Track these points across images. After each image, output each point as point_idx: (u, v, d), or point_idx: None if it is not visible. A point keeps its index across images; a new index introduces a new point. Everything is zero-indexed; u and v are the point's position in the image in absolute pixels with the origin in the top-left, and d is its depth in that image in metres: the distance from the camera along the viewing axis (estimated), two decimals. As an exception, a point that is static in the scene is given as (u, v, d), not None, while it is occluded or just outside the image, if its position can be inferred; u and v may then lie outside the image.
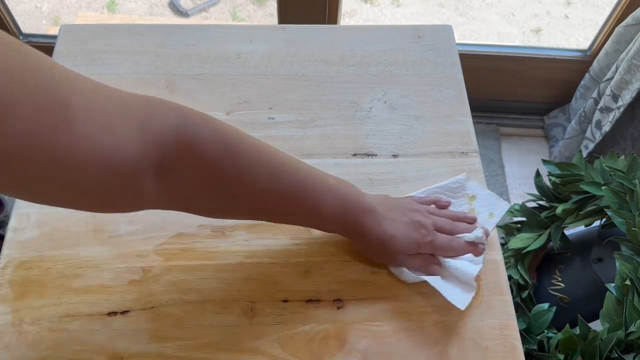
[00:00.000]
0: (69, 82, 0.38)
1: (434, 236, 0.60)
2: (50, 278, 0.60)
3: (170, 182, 0.46)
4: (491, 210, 0.66)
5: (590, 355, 0.83)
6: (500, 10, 2.09)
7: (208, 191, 0.49)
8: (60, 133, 0.36)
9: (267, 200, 0.52)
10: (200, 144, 0.46)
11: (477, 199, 0.67)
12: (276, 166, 0.52)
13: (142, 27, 0.82)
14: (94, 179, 0.39)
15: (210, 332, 0.58)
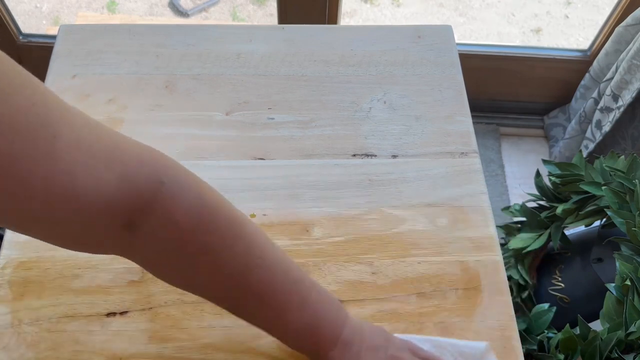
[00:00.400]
0: (62, 111, 0.36)
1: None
2: (49, 279, 0.60)
3: (137, 238, 0.42)
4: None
5: (590, 355, 0.83)
6: (500, 10, 2.09)
7: (172, 260, 0.45)
8: (40, 163, 0.34)
9: (231, 290, 0.48)
10: (176, 210, 0.42)
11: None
12: (252, 257, 0.47)
13: (142, 27, 0.82)
14: (64, 215, 0.38)
15: (209, 333, 0.58)
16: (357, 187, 0.68)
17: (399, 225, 0.66)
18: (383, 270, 0.63)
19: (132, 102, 0.74)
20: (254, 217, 0.66)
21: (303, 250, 0.64)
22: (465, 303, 0.61)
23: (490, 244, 0.65)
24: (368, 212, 0.67)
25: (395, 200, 0.68)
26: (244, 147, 0.71)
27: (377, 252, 0.64)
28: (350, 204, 0.67)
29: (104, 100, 0.74)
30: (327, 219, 0.66)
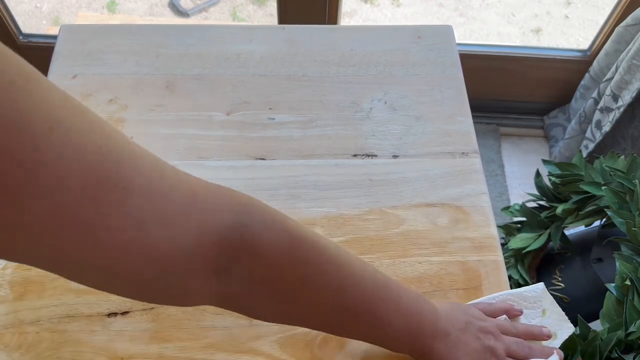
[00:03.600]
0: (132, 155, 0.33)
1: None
2: (50, 279, 0.60)
3: (224, 284, 0.41)
4: (556, 330, 0.60)
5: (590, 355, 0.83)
6: (500, 10, 2.09)
7: (265, 298, 0.44)
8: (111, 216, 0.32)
9: (329, 314, 0.48)
10: (265, 249, 0.41)
11: (547, 315, 0.61)
12: (343, 277, 0.47)
13: (142, 27, 0.82)
14: (138, 267, 0.35)
15: (210, 333, 0.58)
16: (358, 187, 0.68)
17: (400, 225, 0.66)
18: (384, 270, 0.63)
19: (132, 102, 0.74)
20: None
21: (304, 250, 0.64)
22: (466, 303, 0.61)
23: (490, 244, 0.65)
24: (369, 212, 0.67)
25: (396, 200, 0.68)
26: (244, 147, 0.71)
27: (378, 252, 0.64)
28: (351, 204, 0.67)
29: (105, 100, 0.74)
30: (327, 219, 0.66)
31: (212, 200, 0.39)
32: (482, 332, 0.55)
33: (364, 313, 0.49)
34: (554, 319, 0.61)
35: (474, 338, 0.54)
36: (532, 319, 0.61)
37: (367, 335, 0.52)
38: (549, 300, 0.62)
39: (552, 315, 0.61)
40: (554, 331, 0.60)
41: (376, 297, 0.49)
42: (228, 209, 0.40)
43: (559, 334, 0.60)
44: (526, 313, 0.61)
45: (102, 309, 0.59)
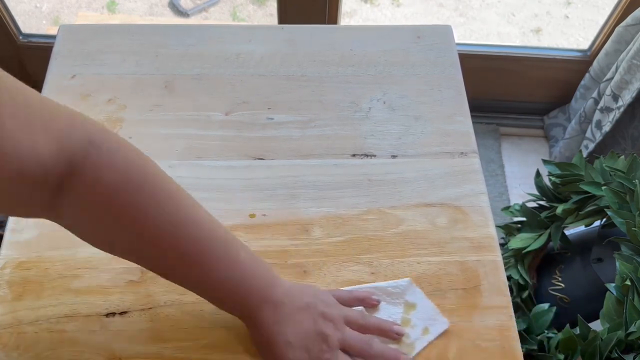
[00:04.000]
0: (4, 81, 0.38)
1: (334, 356, 0.53)
2: (48, 279, 0.60)
3: (69, 200, 0.44)
4: (428, 325, 0.59)
5: (590, 356, 0.83)
6: (500, 10, 2.09)
7: (100, 220, 0.46)
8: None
9: (157, 250, 0.48)
10: (105, 169, 0.44)
11: (417, 310, 0.60)
12: (180, 216, 0.48)
13: (142, 27, 0.82)
14: (5, 177, 0.39)
15: (209, 333, 0.58)
16: (357, 187, 0.68)
17: (399, 226, 0.66)
18: (382, 270, 0.63)
19: (131, 102, 0.74)
20: (254, 217, 0.66)
21: (302, 251, 0.64)
22: (465, 303, 0.61)
23: (489, 244, 0.65)
24: (367, 212, 0.67)
25: (395, 200, 0.68)
26: (243, 147, 0.71)
27: (377, 252, 0.64)
28: (350, 204, 0.67)
29: (104, 100, 0.74)
30: (326, 219, 0.66)
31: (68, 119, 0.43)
32: (322, 318, 0.54)
33: (196, 257, 0.49)
34: (426, 314, 0.60)
35: (310, 320, 0.53)
36: (392, 315, 0.60)
37: (199, 285, 0.52)
38: (419, 295, 0.61)
39: (422, 310, 0.60)
40: (425, 326, 0.59)
41: (211, 245, 0.50)
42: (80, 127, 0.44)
43: (431, 329, 0.59)
44: (386, 307, 0.60)
45: (101, 309, 0.59)
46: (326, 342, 0.53)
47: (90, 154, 0.43)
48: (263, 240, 0.64)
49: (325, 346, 0.53)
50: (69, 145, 0.42)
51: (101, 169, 0.44)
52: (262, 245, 0.64)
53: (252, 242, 0.64)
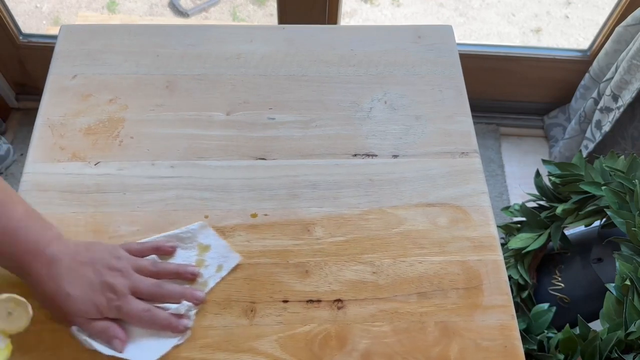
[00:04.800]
0: None
1: (124, 302, 0.55)
2: (50, 278, 0.60)
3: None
4: (221, 262, 0.62)
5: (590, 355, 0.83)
6: (500, 10, 2.09)
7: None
8: None
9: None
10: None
11: (211, 250, 0.63)
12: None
13: (142, 27, 0.82)
14: None
15: (210, 333, 0.58)
16: (358, 187, 0.68)
17: (400, 225, 0.66)
18: (384, 270, 0.63)
19: (132, 102, 0.74)
20: (255, 217, 0.66)
21: (304, 250, 0.64)
22: (466, 302, 0.61)
23: (490, 243, 0.65)
24: (369, 212, 0.67)
25: (396, 200, 0.68)
26: (244, 147, 0.71)
27: (378, 251, 0.64)
28: (351, 204, 0.67)
29: (105, 100, 0.74)
30: (327, 219, 0.66)
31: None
32: (108, 269, 0.55)
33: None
34: (219, 253, 0.63)
35: (94, 273, 0.54)
36: (187, 258, 0.62)
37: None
38: (212, 236, 0.64)
39: (216, 249, 0.63)
40: (219, 264, 0.62)
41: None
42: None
43: (224, 265, 0.62)
44: (181, 253, 0.62)
45: (102, 308, 0.59)
46: (113, 290, 0.55)
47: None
48: (264, 240, 0.64)
49: (112, 295, 0.54)
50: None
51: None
52: (263, 245, 0.64)
53: (254, 242, 0.64)
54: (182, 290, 0.58)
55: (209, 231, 0.64)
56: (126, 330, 0.56)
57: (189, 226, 0.64)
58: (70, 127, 0.71)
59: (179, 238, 0.63)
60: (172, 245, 0.62)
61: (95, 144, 0.70)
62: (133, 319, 0.56)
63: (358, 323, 0.60)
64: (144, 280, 0.57)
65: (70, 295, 0.53)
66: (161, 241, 0.62)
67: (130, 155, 0.70)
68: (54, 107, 0.73)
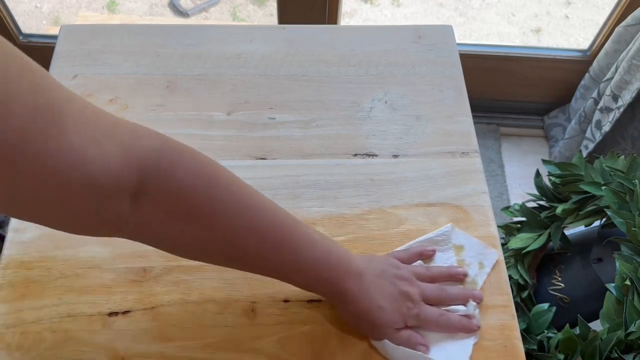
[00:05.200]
0: (63, 92, 0.37)
1: (421, 309, 0.56)
2: (51, 278, 0.60)
3: (143, 206, 0.44)
4: (481, 260, 0.63)
5: (590, 355, 0.83)
6: (500, 10, 2.09)
7: (178, 221, 0.46)
8: (51, 139, 0.35)
9: (241, 240, 0.49)
10: (177, 170, 0.45)
11: (466, 249, 0.64)
12: (256, 205, 0.49)
13: (142, 28, 0.82)
14: (76, 192, 0.39)
15: (212, 333, 0.58)
16: (358, 187, 0.69)
17: (400, 225, 0.66)
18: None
19: (132, 102, 0.74)
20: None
21: (304, 250, 0.64)
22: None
23: (491, 243, 0.65)
24: (369, 211, 0.67)
25: (396, 200, 0.68)
26: (244, 147, 0.71)
27: (379, 251, 0.64)
28: (352, 204, 0.67)
29: (105, 100, 0.74)
30: (328, 219, 0.66)
31: (132, 128, 0.43)
32: (397, 279, 0.56)
33: (278, 241, 0.50)
34: (475, 251, 0.63)
35: (389, 283, 0.55)
36: (447, 260, 0.63)
37: (282, 267, 0.52)
38: (463, 236, 0.64)
39: (471, 248, 0.63)
40: (479, 261, 0.62)
41: (291, 228, 0.51)
42: (146, 136, 0.44)
43: (485, 263, 0.62)
44: (440, 256, 0.63)
45: (103, 308, 0.59)
46: (410, 299, 0.56)
47: (159, 160, 0.44)
48: (265, 239, 0.64)
49: (410, 303, 0.56)
50: (136, 152, 0.42)
51: (174, 171, 0.44)
52: (264, 245, 0.64)
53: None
54: (465, 292, 0.59)
55: (459, 231, 0.65)
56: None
57: (441, 229, 0.64)
58: (70, 127, 0.71)
59: (434, 241, 0.64)
60: (432, 249, 0.63)
61: (95, 144, 0.70)
62: (430, 324, 0.57)
63: (358, 323, 0.60)
64: (430, 286, 0.58)
65: (382, 308, 0.54)
66: (422, 246, 0.63)
67: (130, 155, 0.70)
68: (55, 107, 0.73)
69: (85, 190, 0.39)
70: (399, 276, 0.57)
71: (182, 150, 0.47)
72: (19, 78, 0.34)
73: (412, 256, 0.62)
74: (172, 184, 0.45)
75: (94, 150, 0.38)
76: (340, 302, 0.55)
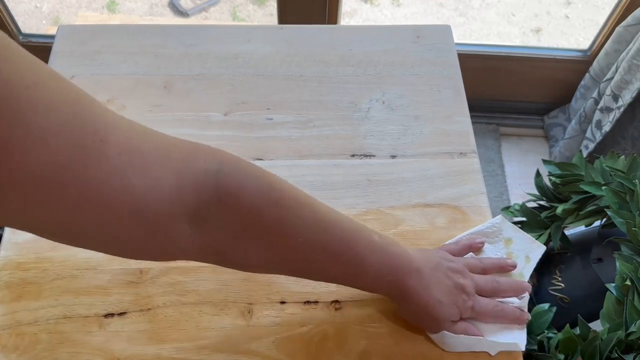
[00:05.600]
0: (108, 118, 0.36)
1: (475, 301, 0.57)
2: (47, 280, 0.60)
3: (206, 231, 0.43)
4: (527, 253, 0.64)
5: (590, 356, 0.83)
6: (500, 10, 2.09)
7: (246, 243, 0.45)
8: (91, 168, 0.34)
9: (308, 255, 0.49)
10: (241, 192, 0.43)
11: (514, 243, 0.64)
12: (319, 219, 0.49)
13: (142, 27, 0.82)
14: (122, 220, 0.38)
15: (208, 334, 0.58)
16: (356, 188, 0.68)
17: (398, 226, 0.66)
18: (382, 270, 0.63)
19: (130, 102, 0.74)
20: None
21: (301, 251, 0.64)
22: (464, 303, 0.61)
23: (489, 244, 0.65)
24: (366, 212, 0.67)
25: (394, 200, 0.68)
26: (242, 147, 0.71)
27: (376, 252, 0.64)
28: (349, 204, 0.67)
29: (103, 100, 0.74)
30: (325, 220, 0.66)
31: (187, 151, 0.41)
32: (451, 271, 0.57)
33: (342, 252, 0.50)
34: (522, 244, 0.64)
35: (444, 276, 0.56)
36: (497, 252, 0.64)
37: (347, 275, 0.53)
38: (512, 228, 0.65)
39: (518, 241, 0.64)
40: (525, 255, 0.63)
41: (352, 237, 0.51)
42: (203, 158, 0.42)
43: (531, 257, 0.63)
44: (490, 248, 0.64)
45: (99, 309, 0.59)
46: (465, 292, 0.56)
47: (220, 181, 0.42)
48: (262, 240, 0.64)
49: (465, 296, 0.56)
50: (193, 177, 0.41)
51: (239, 193, 0.43)
52: (261, 246, 0.64)
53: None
54: (518, 283, 0.60)
55: (509, 224, 0.65)
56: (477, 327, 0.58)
57: (492, 220, 0.65)
58: (67, 127, 0.71)
59: (484, 234, 0.64)
60: (481, 241, 0.64)
61: (92, 145, 0.70)
62: (485, 316, 0.58)
63: (355, 324, 0.59)
64: (482, 278, 0.59)
65: (441, 302, 0.55)
66: (472, 238, 0.64)
67: (127, 155, 0.69)
68: (52, 107, 0.73)
69: (132, 216, 0.38)
70: (453, 269, 0.57)
71: (245, 170, 0.45)
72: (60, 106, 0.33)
73: (463, 249, 0.63)
74: (236, 208, 0.43)
75: (140, 175, 0.37)
76: (402, 299, 0.56)
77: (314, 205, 0.49)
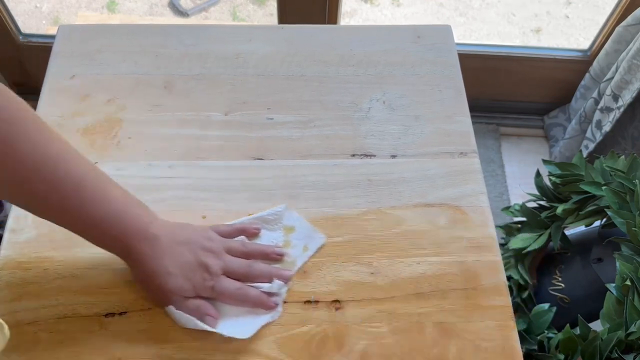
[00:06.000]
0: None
1: (218, 281, 0.57)
2: (47, 279, 0.60)
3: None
4: (306, 243, 0.64)
5: (590, 356, 0.83)
6: (500, 10, 2.09)
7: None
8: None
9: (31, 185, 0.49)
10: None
11: (296, 231, 0.65)
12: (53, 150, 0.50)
13: (142, 27, 0.82)
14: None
15: (208, 334, 0.58)
16: (356, 187, 0.68)
17: (398, 226, 0.66)
18: (382, 270, 0.63)
19: (131, 102, 0.74)
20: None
21: (302, 251, 0.64)
22: (465, 303, 0.61)
23: (489, 244, 0.65)
24: (367, 212, 0.67)
25: (394, 200, 0.68)
26: (242, 147, 0.71)
27: (376, 252, 0.64)
28: (350, 204, 0.67)
29: (103, 100, 0.74)
30: (326, 219, 0.66)
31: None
32: (203, 250, 0.57)
33: (71, 193, 0.51)
34: (303, 234, 0.64)
35: (190, 252, 0.56)
36: (274, 240, 0.64)
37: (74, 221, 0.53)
38: (296, 218, 0.65)
39: (300, 230, 0.65)
40: (304, 244, 0.64)
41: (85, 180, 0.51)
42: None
43: (310, 245, 0.64)
44: (267, 234, 0.64)
45: (100, 309, 0.59)
46: (207, 271, 0.57)
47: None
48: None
49: (207, 275, 0.56)
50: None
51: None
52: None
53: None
54: (271, 270, 0.60)
55: (293, 213, 0.66)
56: (218, 309, 0.58)
57: (274, 208, 0.65)
58: (68, 127, 0.71)
59: (265, 220, 0.65)
60: (257, 227, 0.64)
61: (93, 145, 0.70)
62: (226, 297, 0.58)
63: (356, 324, 0.60)
64: (236, 260, 0.59)
65: (170, 273, 0.55)
66: (247, 223, 0.64)
67: (128, 155, 0.69)
68: (52, 107, 0.73)
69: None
70: (207, 248, 0.58)
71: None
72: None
73: (234, 231, 0.63)
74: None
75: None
76: (130, 262, 0.56)
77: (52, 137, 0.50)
